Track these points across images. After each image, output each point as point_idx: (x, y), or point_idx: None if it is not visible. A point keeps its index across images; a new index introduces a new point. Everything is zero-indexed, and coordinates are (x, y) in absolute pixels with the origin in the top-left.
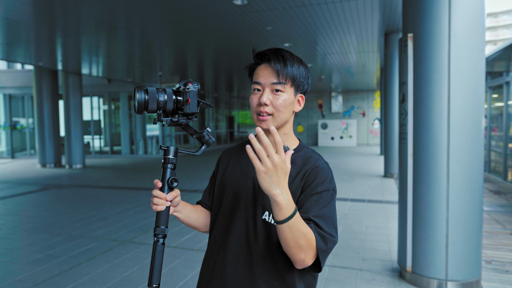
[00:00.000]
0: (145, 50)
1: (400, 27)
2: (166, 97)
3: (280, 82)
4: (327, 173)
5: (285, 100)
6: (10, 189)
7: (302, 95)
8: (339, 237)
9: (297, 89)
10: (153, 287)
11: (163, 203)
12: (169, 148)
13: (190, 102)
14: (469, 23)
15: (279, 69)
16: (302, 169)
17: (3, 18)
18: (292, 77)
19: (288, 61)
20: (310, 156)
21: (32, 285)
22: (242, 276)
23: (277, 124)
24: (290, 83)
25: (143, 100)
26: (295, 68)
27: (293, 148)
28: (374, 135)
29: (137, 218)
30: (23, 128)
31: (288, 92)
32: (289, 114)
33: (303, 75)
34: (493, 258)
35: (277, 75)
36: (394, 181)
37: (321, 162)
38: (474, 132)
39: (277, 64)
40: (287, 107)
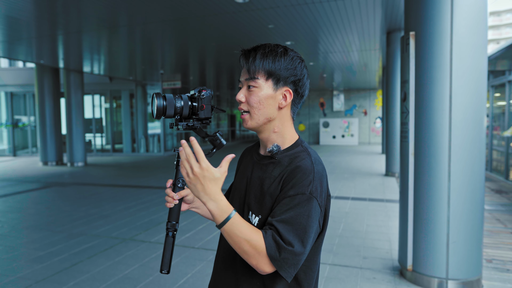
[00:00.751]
0: (147, 48)
1: (402, 26)
2: (183, 103)
3: (251, 78)
4: (307, 175)
5: (260, 96)
6: (12, 187)
7: (288, 88)
8: (340, 236)
9: (278, 83)
10: (162, 273)
11: (171, 201)
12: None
13: (205, 108)
14: (471, 21)
15: (249, 65)
16: (284, 170)
17: (5, 16)
18: (267, 71)
19: (258, 55)
20: (297, 156)
21: (33, 282)
22: (229, 273)
23: (257, 122)
24: (264, 78)
25: (162, 106)
26: (269, 61)
27: (286, 146)
28: (375, 134)
29: (138, 216)
30: (25, 126)
31: (263, 87)
32: (271, 110)
33: (284, 66)
34: (494, 257)
35: (247, 71)
36: (396, 180)
37: (304, 162)
38: (476, 130)
39: (248, 60)
40: (262, 103)
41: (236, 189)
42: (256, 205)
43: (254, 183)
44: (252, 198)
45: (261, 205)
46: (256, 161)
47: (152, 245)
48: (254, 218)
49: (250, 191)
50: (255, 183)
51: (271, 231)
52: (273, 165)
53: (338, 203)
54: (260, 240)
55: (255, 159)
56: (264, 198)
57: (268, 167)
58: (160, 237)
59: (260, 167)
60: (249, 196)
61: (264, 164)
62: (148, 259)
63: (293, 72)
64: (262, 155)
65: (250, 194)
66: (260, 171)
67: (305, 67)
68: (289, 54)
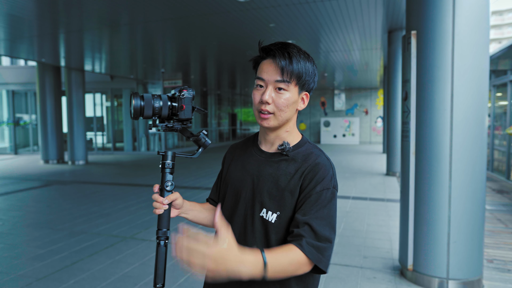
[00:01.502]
0: (148, 46)
1: (403, 25)
2: (162, 103)
3: (284, 81)
4: (327, 171)
5: (288, 99)
6: (13, 185)
7: (307, 93)
8: (341, 235)
9: (302, 88)
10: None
11: (160, 206)
12: (167, 153)
13: (185, 109)
14: (473, 20)
15: (284, 66)
16: (301, 166)
17: (6, 14)
18: (298, 75)
19: (294, 58)
20: (311, 152)
21: (34, 280)
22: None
23: (279, 123)
24: (294, 82)
25: (139, 106)
26: (301, 66)
27: (294, 144)
28: (376, 133)
29: (139, 214)
30: (26, 124)
31: (291, 91)
32: (292, 113)
33: (309, 72)
34: (495, 257)
35: (281, 73)
36: (397, 179)
37: (322, 159)
38: (477, 130)
39: (282, 61)
40: (289, 106)
41: (237, 187)
42: (271, 202)
43: (266, 180)
44: (265, 195)
45: (279, 202)
46: (263, 158)
47: (153, 243)
48: (271, 215)
49: (262, 189)
50: (267, 180)
51: (304, 239)
52: (286, 162)
53: (338, 203)
54: (299, 255)
55: (260, 156)
56: (283, 195)
57: (281, 164)
58: None
59: (270, 164)
60: (262, 194)
61: (275, 161)
62: (148, 258)
63: (314, 79)
64: (270, 153)
65: (263, 191)
66: (271, 168)
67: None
68: (311, 60)
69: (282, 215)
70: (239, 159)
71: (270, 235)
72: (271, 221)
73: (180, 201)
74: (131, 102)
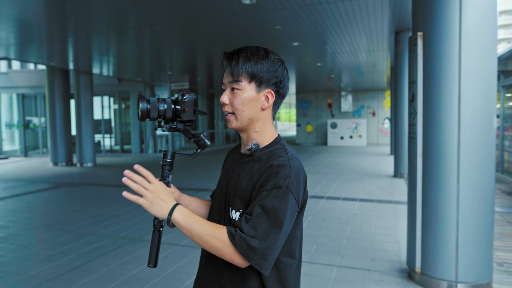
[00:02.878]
0: (155, 49)
1: (410, 26)
2: (166, 106)
3: (235, 80)
4: (283, 170)
5: (243, 97)
6: (23, 187)
7: (270, 90)
8: (348, 237)
9: (260, 85)
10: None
11: None
12: (167, 152)
13: (187, 111)
14: (480, 21)
15: (233, 67)
16: (263, 166)
17: (17, 19)
18: (250, 73)
19: (241, 58)
20: (275, 153)
21: (44, 281)
22: (212, 271)
23: (241, 123)
24: (247, 80)
25: (146, 109)
26: (251, 64)
27: (265, 144)
28: (384, 135)
29: (147, 216)
30: (35, 127)
31: (246, 89)
32: (255, 111)
33: (266, 69)
34: (505, 260)
35: (230, 74)
36: (404, 181)
37: (281, 158)
38: (485, 131)
39: (231, 63)
40: (245, 104)
41: (219, 188)
42: (235, 201)
43: (234, 180)
44: (231, 194)
45: (241, 200)
46: (237, 159)
47: (160, 245)
48: (234, 214)
49: (230, 188)
50: (235, 180)
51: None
52: (252, 162)
53: (346, 205)
54: (223, 235)
55: (236, 157)
56: (244, 194)
57: (247, 165)
58: (167, 237)
59: (240, 165)
60: (229, 193)
61: (244, 162)
62: None
63: (275, 75)
64: (242, 154)
65: (230, 191)
66: (239, 168)
67: (286, 69)
68: (270, 56)
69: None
70: (226, 163)
71: None
72: (234, 219)
73: (177, 195)
74: (139, 105)
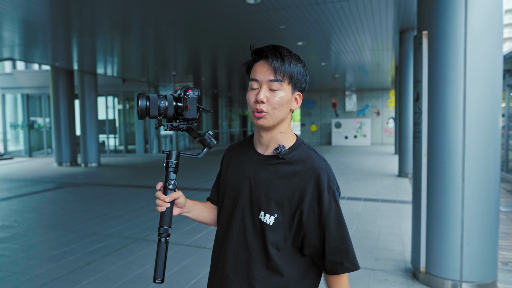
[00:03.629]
0: (159, 49)
1: (415, 25)
2: (167, 104)
3: (278, 80)
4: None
5: (282, 98)
6: (28, 187)
7: (300, 93)
8: (352, 237)
9: (295, 87)
10: (156, 282)
11: (162, 204)
12: (171, 152)
13: (190, 108)
14: (486, 19)
15: (276, 66)
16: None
17: (21, 20)
18: (290, 74)
19: (286, 58)
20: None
21: (48, 280)
22: (241, 273)
23: (273, 122)
24: (287, 81)
25: (144, 106)
26: (293, 66)
27: (289, 146)
28: (388, 134)
29: (151, 216)
30: (40, 127)
31: (285, 90)
32: (286, 112)
33: (301, 73)
34: (510, 260)
35: (274, 72)
36: (409, 181)
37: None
38: (491, 130)
39: (275, 61)
40: (283, 105)
41: (235, 190)
42: (270, 205)
43: (263, 184)
44: (262, 198)
45: (276, 204)
46: (259, 161)
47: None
48: (269, 218)
49: (259, 192)
50: (264, 183)
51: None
52: (283, 165)
53: (350, 204)
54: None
55: (256, 159)
56: (280, 198)
57: (278, 168)
58: (172, 237)
59: (266, 167)
60: (259, 197)
61: (272, 165)
62: None
63: (306, 79)
64: (267, 156)
65: (260, 194)
66: (267, 171)
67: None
68: (302, 60)
69: (280, 217)
70: (236, 161)
71: (267, 237)
72: (269, 224)
73: (183, 200)
74: (138, 103)
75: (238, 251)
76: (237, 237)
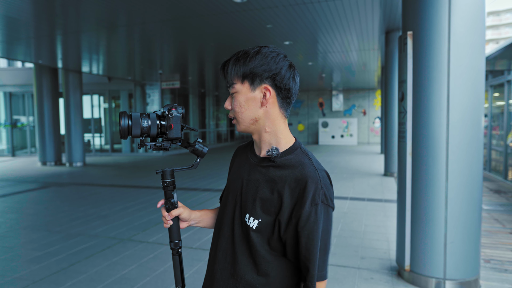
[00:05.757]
0: (145, 48)
1: (400, 25)
2: (150, 122)
3: (229, 85)
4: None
5: (239, 100)
6: (11, 187)
7: (267, 85)
8: (338, 236)
9: (253, 82)
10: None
11: (165, 221)
12: (165, 172)
13: (174, 128)
14: (469, 21)
15: (225, 73)
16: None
17: (3, 16)
18: (241, 74)
19: (232, 61)
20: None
21: (30, 282)
22: (227, 274)
23: (245, 125)
24: (239, 81)
25: (126, 126)
26: (241, 64)
27: (284, 148)
28: (375, 134)
29: (137, 216)
30: (23, 126)
31: (241, 91)
32: (254, 111)
33: (256, 64)
34: (492, 257)
35: (225, 80)
36: (394, 180)
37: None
38: (474, 130)
39: (222, 70)
40: (243, 106)
41: (231, 190)
42: (254, 208)
43: (252, 186)
44: (250, 200)
45: (261, 208)
46: (254, 163)
47: (150, 245)
48: (252, 221)
49: (247, 193)
50: (253, 185)
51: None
52: (274, 168)
53: (336, 203)
54: None
55: (252, 160)
56: (266, 203)
57: (268, 171)
58: (158, 237)
59: (258, 169)
60: (246, 198)
61: (264, 167)
62: (145, 259)
63: (267, 68)
64: (261, 157)
65: (248, 196)
66: (258, 173)
67: (284, 59)
68: (261, 51)
69: (264, 222)
70: (239, 162)
71: (251, 239)
72: (252, 227)
73: (186, 215)
74: (119, 122)
75: (226, 252)
76: (227, 237)
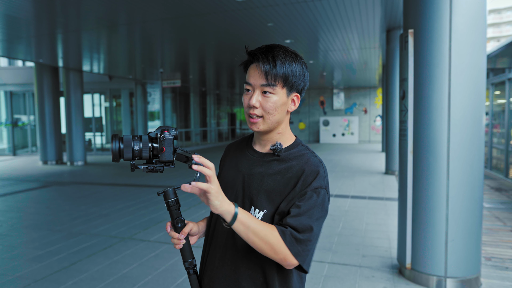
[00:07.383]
0: (146, 46)
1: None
2: (142, 145)
3: (269, 84)
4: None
5: (275, 102)
6: (12, 186)
7: (297, 94)
8: (340, 234)
9: (291, 89)
10: None
11: (178, 242)
12: (167, 192)
13: (166, 151)
14: (470, 19)
15: (267, 70)
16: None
17: (4, 15)
18: (283, 77)
19: (278, 60)
20: (302, 154)
21: (32, 281)
22: (228, 270)
23: (269, 127)
24: (281, 84)
25: (117, 149)
26: (286, 68)
27: (287, 145)
28: (376, 132)
29: (138, 215)
30: (24, 125)
31: (279, 94)
32: (282, 115)
33: (297, 74)
34: (493, 255)
35: (265, 77)
36: (396, 178)
37: (313, 160)
38: (475, 128)
39: (265, 65)
40: (277, 109)
41: (228, 185)
42: (259, 200)
43: (256, 179)
44: (254, 193)
45: (267, 200)
46: (255, 158)
47: (151, 244)
48: (258, 213)
49: (251, 187)
50: (257, 179)
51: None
52: (277, 162)
53: (337, 201)
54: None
55: (252, 156)
56: (271, 194)
57: (272, 164)
58: (159, 235)
59: (261, 163)
60: (251, 192)
61: (267, 161)
62: (147, 258)
63: (304, 80)
64: (263, 153)
65: (251, 189)
66: (261, 167)
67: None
68: (299, 60)
69: (269, 213)
70: (233, 158)
71: None
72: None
73: (196, 229)
74: (111, 145)
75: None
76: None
